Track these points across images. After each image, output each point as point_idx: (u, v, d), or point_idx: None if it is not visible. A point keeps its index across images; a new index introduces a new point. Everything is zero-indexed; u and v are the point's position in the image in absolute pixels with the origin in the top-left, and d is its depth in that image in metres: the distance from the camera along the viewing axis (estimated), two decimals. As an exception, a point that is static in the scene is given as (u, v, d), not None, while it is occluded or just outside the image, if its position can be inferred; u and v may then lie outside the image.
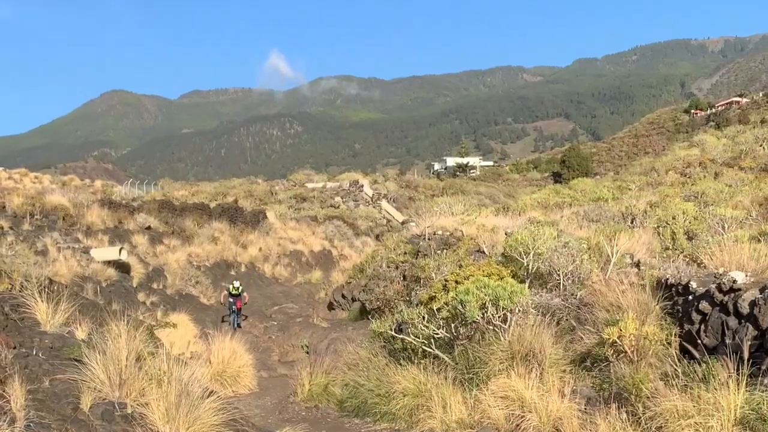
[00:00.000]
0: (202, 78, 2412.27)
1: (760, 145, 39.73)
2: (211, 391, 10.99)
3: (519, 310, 11.94)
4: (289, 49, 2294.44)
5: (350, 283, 31.54)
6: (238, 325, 27.76)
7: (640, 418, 7.96)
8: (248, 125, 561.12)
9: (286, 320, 28.68)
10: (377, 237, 56.36)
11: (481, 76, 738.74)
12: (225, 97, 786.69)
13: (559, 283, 14.01)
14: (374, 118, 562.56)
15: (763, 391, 7.26)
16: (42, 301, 11.68)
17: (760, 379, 7.42)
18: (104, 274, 25.33)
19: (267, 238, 46.05)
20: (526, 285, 13.63)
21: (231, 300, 28.27)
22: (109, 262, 26.57)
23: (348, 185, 77.52)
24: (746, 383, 7.33)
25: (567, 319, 12.42)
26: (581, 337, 11.31)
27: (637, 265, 13.76)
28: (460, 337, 12.52)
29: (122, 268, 27.77)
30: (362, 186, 77.15)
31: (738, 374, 7.39)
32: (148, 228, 36.07)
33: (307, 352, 22.27)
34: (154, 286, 29.51)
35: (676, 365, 8.64)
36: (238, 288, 28.50)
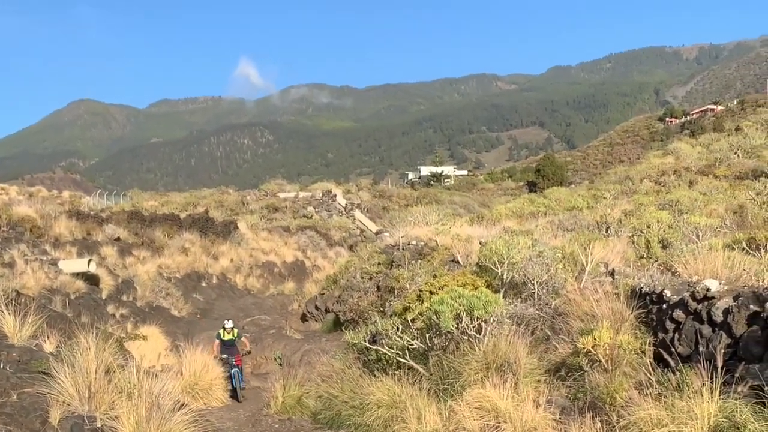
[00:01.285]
0: (171, 87, 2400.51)
1: (735, 153, 40.14)
2: (183, 404, 11.00)
3: (494, 320, 12.01)
4: (259, 58, 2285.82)
5: (324, 294, 31.53)
6: (241, 389, 19.36)
7: (614, 427, 8.04)
8: (218, 134, 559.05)
9: (259, 332, 28.59)
10: (351, 247, 56.35)
11: (455, 84, 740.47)
12: (194, 106, 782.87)
13: (534, 292, 14.10)
14: (347, 127, 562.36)
15: (736, 399, 7.37)
16: (9, 313, 11.65)
17: (733, 387, 7.52)
18: (73, 286, 25.19)
19: (239, 249, 45.98)
20: (501, 295, 13.71)
21: (225, 354, 20.06)
22: (77, 274, 26.42)
23: (321, 195, 77.46)
24: (720, 391, 7.44)
25: (542, 329, 12.51)
26: (556, 347, 11.39)
27: (612, 274, 13.89)
28: (435, 347, 12.59)
29: (91, 280, 27.62)
30: (335, 196, 77.13)
31: (712, 382, 7.49)
32: (117, 239, 35.91)
33: (281, 364, 22.32)
34: (124, 298, 29.36)
35: (651, 374, 8.74)
36: (232, 331, 20.85)
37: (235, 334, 20.87)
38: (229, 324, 21.15)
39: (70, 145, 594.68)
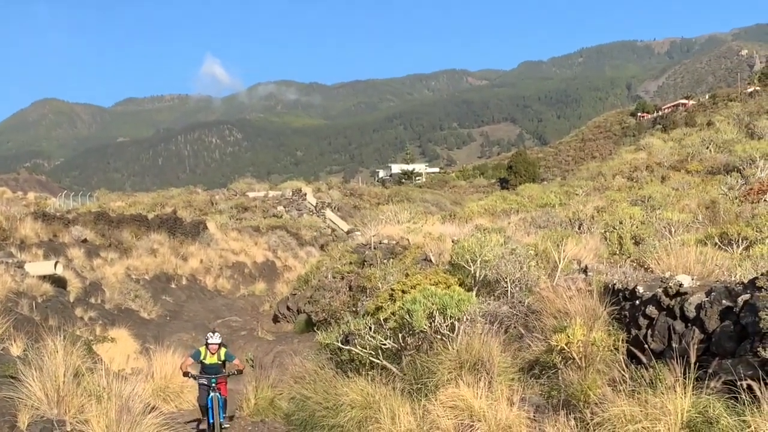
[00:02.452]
0: (137, 85, 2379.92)
1: (707, 148, 40.48)
2: (154, 407, 10.99)
3: (467, 319, 12.06)
4: (225, 55, 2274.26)
5: (295, 294, 31.53)
6: (222, 428, 13.89)
7: (588, 424, 8.11)
8: (186, 133, 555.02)
9: (230, 334, 28.53)
10: (322, 247, 56.34)
11: (426, 80, 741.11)
12: (161, 105, 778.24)
13: (507, 290, 14.19)
14: (316, 125, 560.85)
15: (709, 395, 7.46)
16: (-25, 318, 11.56)
17: (706, 382, 7.62)
18: (40, 289, 24.97)
19: (208, 250, 45.82)
20: (474, 293, 13.76)
21: (204, 379, 14.15)
22: (44, 277, 26.20)
23: (291, 194, 77.29)
24: (693, 387, 7.52)
25: (515, 327, 12.58)
26: (529, 345, 11.47)
27: (585, 270, 13.98)
28: (408, 347, 12.62)
29: (58, 282, 27.41)
30: (305, 194, 77.00)
31: (685, 378, 7.57)
32: (85, 241, 35.66)
33: (252, 366, 22.25)
34: (92, 300, 29.17)
35: (624, 371, 8.83)
36: (219, 350, 14.51)
37: (223, 356, 14.39)
38: (214, 339, 14.29)
39: (35, 145, 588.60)
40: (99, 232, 38.21)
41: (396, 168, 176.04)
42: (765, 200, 21.69)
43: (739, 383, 6.92)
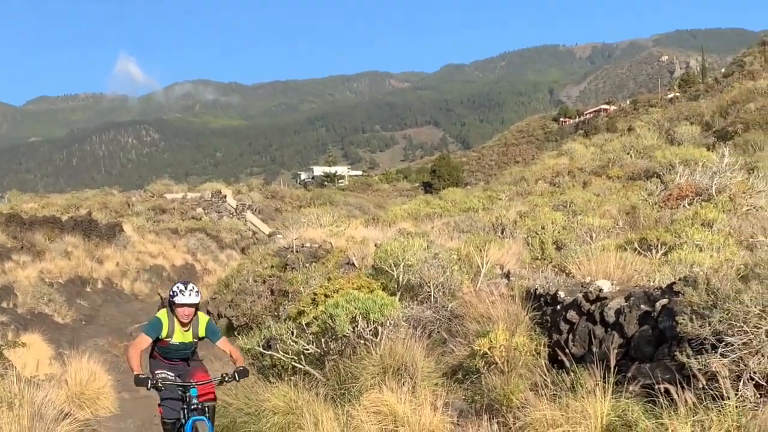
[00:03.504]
0: (49, 83, 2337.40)
1: (628, 154, 41.22)
2: (68, 414, 10.85)
3: (390, 323, 12.16)
4: (140, 53, 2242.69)
5: (215, 298, 31.29)
6: None
7: (511, 428, 8.26)
8: (101, 133, 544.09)
9: (148, 339, 28.10)
10: (243, 250, 55.99)
11: (347, 81, 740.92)
12: (75, 103, 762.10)
13: (430, 295, 14.32)
14: (236, 125, 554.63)
15: (628, 398, 7.66)
16: None
17: (625, 386, 7.81)
18: (-52, 293, 24.40)
19: (125, 252, 45.15)
20: (397, 297, 13.86)
21: (171, 370, 9.70)
22: (-48, 281, 25.61)
23: (210, 196, 76.65)
24: (612, 391, 7.71)
25: (438, 332, 12.71)
26: (453, 350, 11.60)
27: (507, 275, 14.19)
28: (331, 352, 12.67)
29: (-33, 287, 26.80)
30: (225, 196, 76.46)
31: (605, 382, 7.75)
32: (-5, 244, 34.90)
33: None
34: (4, 305, 28.51)
35: (546, 375, 8.99)
36: (194, 309, 9.50)
37: (203, 331, 9.69)
38: (188, 295, 9.29)
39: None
40: (10, 235, 37.36)
41: (318, 170, 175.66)
42: (684, 206, 22.25)
43: (657, 387, 7.12)
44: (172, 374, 9.63)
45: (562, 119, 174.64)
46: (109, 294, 37.78)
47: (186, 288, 9.41)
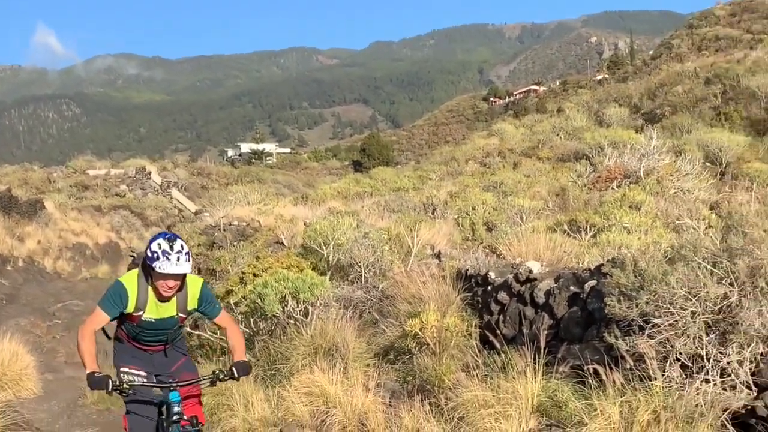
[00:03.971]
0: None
1: (557, 135, 41.57)
2: (-11, 396, 10.68)
3: (320, 303, 12.20)
4: (59, 24, 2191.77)
5: (140, 277, 30.94)
6: None
7: (443, 409, 8.34)
8: (19, 107, 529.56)
9: (72, 318, 27.66)
10: (169, 228, 55.38)
11: (274, 57, 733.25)
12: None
13: (361, 275, 14.38)
14: (160, 101, 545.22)
15: (558, 379, 7.80)
16: None
17: (555, 367, 7.94)
18: None
19: (46, 230, 44.34)
20: (327, 277, 13.91)
21: (143, 370, 6.91)
22: None
23: (134, 173, 75.60)
24: (543, 371, 7.83)
25: (370, 312, 12.78)
26: (384, 330, 11.66)
27: (438, 256, 14.30)
28: (261, 332, 12.66)
29: None
30: (150, 173, 75.49)
31: (535, 363, 7.88)
32: None
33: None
34: None
35: (477, 356, 9.09)
36: (182, 277, 6.46)
37: (196, 302, 6.85)
38: (173, 265, 6.22)
39: None
40: (-74, 211, 36.52)
41: (245, 147, 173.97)
42: (613, 188, 22.62)
43: (586, 368, 7.25)
44: (144, 371, 6.91)
45: (492, 99, 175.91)
46: (30, 273, 37.09)
47: (172, 249, 6.22)
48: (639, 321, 7.10)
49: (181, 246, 6.31)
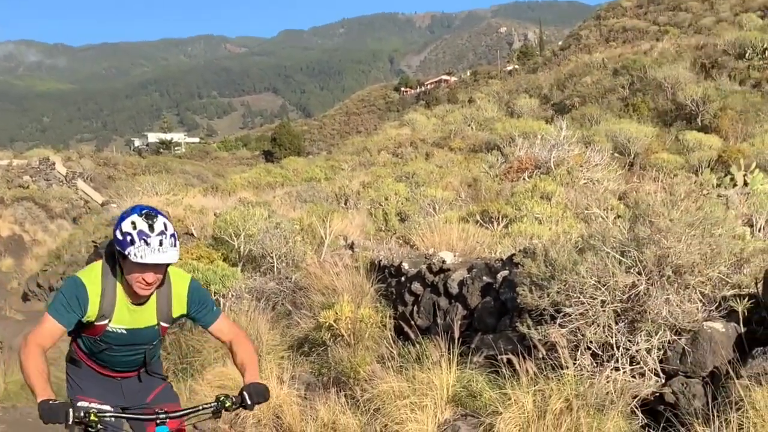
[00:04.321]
0: None
1: (469, 125, 41.80)
2: None
3: (232, 295, 12.14)
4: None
5: (46, 270, 30.37)
6: None
7: (358, 401, 8.37)
8: None
9: (-29, 317, 27.05)
10: (75, 220, 54.41)
11: (181, 45, 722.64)
12: None
13: (273, 266, 14.31)
14: (63, 89, 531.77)
15: (473, 369, 7.89)
16: None
17: (470, 357, 8.04)
18: None
19: (-55, 222, 43.25)
20: (239, 269, 13.83)
21: (108, 404, 4.96)
22: None
23: (38, 163, 73.77)
24: (458, 362, 7.91)
25: (283, 304, 12.74)
26: (298, 322, 11.64)
27: (351, 246, 14.31)
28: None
29: None
30: (54, 164, 73.76)
31: (450, 353, 7.95)
32: None
33: (0, 348, 21.29)
34: None
35: (392, 347, 9.16)
36: (164, 268, 4.76)
37: (185, 307, 5.32)
38: (155, 253, 4.45)
39: None
40: None
41: (153, 137, 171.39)
42: (524, 179, 22.89)
43: (500, 357, 7.34)
44: (110, 405, 5.03)
45: (403, 89, 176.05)
46: (-73, 267, 36.12)
47: (153, 230, 4.53)
48: (551, 310, 7.22)
49: (164, 225, 4.56)
